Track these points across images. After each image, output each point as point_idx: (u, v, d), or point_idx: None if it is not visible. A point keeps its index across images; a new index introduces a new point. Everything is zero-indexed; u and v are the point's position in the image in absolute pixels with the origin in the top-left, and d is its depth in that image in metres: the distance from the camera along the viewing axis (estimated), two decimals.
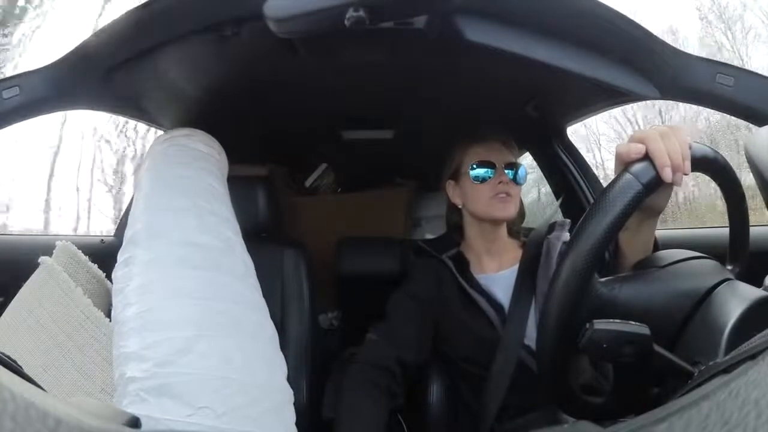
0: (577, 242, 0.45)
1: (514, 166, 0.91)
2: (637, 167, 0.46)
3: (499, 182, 0.89)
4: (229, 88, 1.04)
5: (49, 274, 0.88)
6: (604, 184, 0.96)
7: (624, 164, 0.48)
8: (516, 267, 0.89)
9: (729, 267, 0.53)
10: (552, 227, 0.89)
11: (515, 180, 0.90)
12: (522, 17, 0.65)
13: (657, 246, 0.60)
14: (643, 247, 0.58)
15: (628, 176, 0.45)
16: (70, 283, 0.87)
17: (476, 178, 0.90)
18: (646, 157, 0.46)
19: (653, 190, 0.46)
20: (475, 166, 0.90)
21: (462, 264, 0.92)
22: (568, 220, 0.89)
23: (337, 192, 1.89)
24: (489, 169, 0.90)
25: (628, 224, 0.56)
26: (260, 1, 0.52)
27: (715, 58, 0.73)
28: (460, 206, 0.96)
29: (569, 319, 0.45)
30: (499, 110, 1.23)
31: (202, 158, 0.96)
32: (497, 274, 0.92)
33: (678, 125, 0.52)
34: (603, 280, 0.49)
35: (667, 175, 0.45)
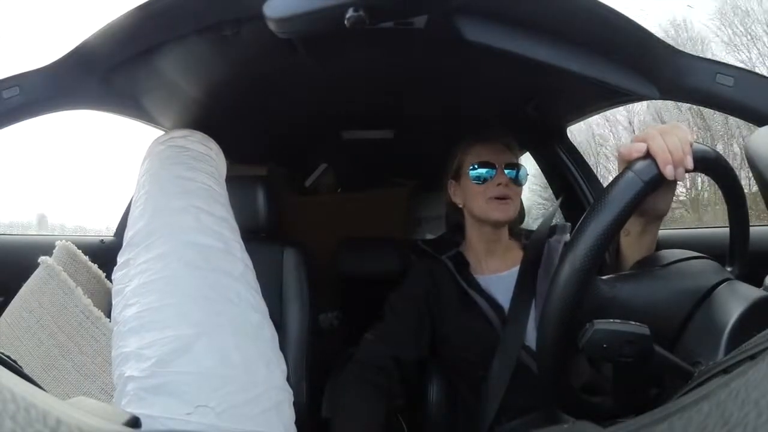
0: (579, 239, 0.45)
1: (515, 166, 0.91)
2: (639, 165, 0.46)
3: (498, 183, 0.89)
4: (229, 88, 1.04)
5: (49, 274, 0.88)
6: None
7: (626, 163, 0.48)
8: (516, 269, 0.89)
9: (729, 268, 0.53)
10: (553, 230, 0.89)
11: (516, 181, 0.90)
12: (522, 17, 0.65)
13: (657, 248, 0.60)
14: (645, 252, 0.58)
15: (629, 174, 0.46)
16: (70, 283, 0.88)
17: (476, 178, 0.90)
18: (648, 155, 0.47)
19: (655, 188, 0.46)
20: (475, 166, 0.90)
21: (461, 265, 0.92)
22: (569, 224, 0.88)
23: (337, 192, 1.89)
24: (489, 170, 0.90)
25: (631, 229, 0.56)
26: (260, 1, 0.52)
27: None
28: (460, 205, 0.96)
29: (570, 316, 0.45)
30: (499, 110, 1.23)
31: (200, 159, 0.96)
32: (497, 276, 0.91)
33: (679, 124, 0.52)
34: (604, 278, 0.49)
35: (669, 172, 0.46)
